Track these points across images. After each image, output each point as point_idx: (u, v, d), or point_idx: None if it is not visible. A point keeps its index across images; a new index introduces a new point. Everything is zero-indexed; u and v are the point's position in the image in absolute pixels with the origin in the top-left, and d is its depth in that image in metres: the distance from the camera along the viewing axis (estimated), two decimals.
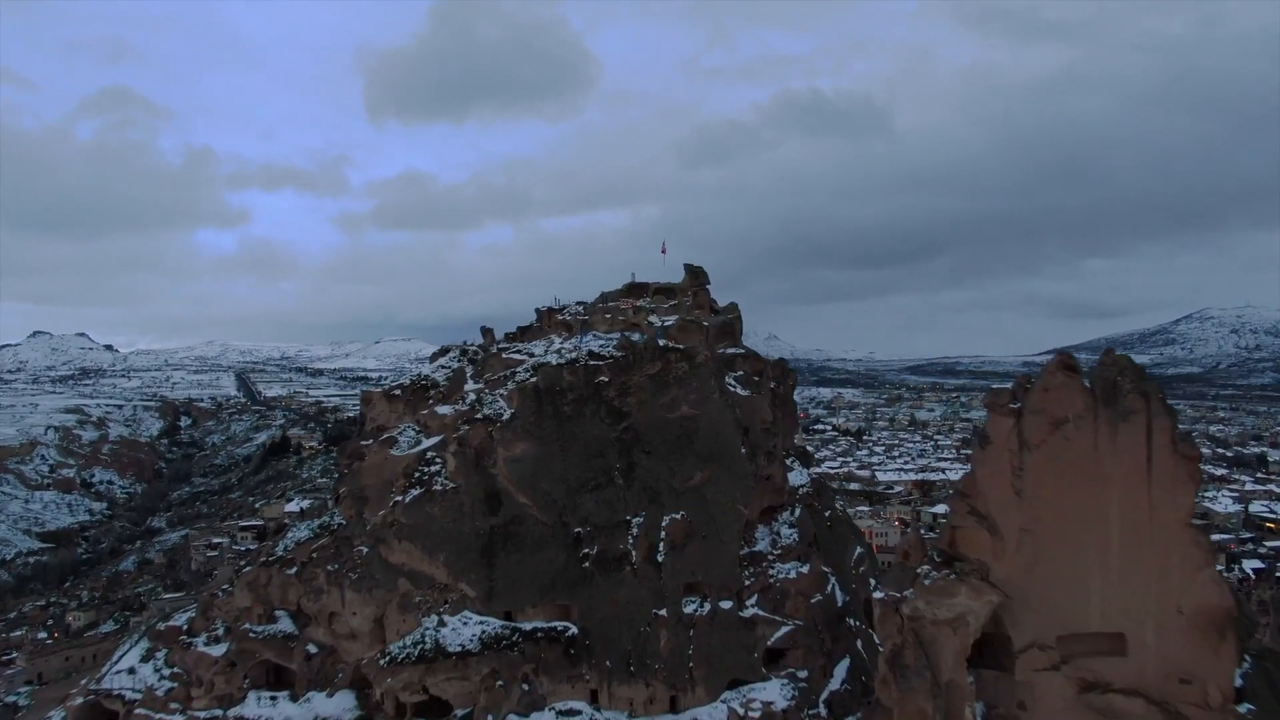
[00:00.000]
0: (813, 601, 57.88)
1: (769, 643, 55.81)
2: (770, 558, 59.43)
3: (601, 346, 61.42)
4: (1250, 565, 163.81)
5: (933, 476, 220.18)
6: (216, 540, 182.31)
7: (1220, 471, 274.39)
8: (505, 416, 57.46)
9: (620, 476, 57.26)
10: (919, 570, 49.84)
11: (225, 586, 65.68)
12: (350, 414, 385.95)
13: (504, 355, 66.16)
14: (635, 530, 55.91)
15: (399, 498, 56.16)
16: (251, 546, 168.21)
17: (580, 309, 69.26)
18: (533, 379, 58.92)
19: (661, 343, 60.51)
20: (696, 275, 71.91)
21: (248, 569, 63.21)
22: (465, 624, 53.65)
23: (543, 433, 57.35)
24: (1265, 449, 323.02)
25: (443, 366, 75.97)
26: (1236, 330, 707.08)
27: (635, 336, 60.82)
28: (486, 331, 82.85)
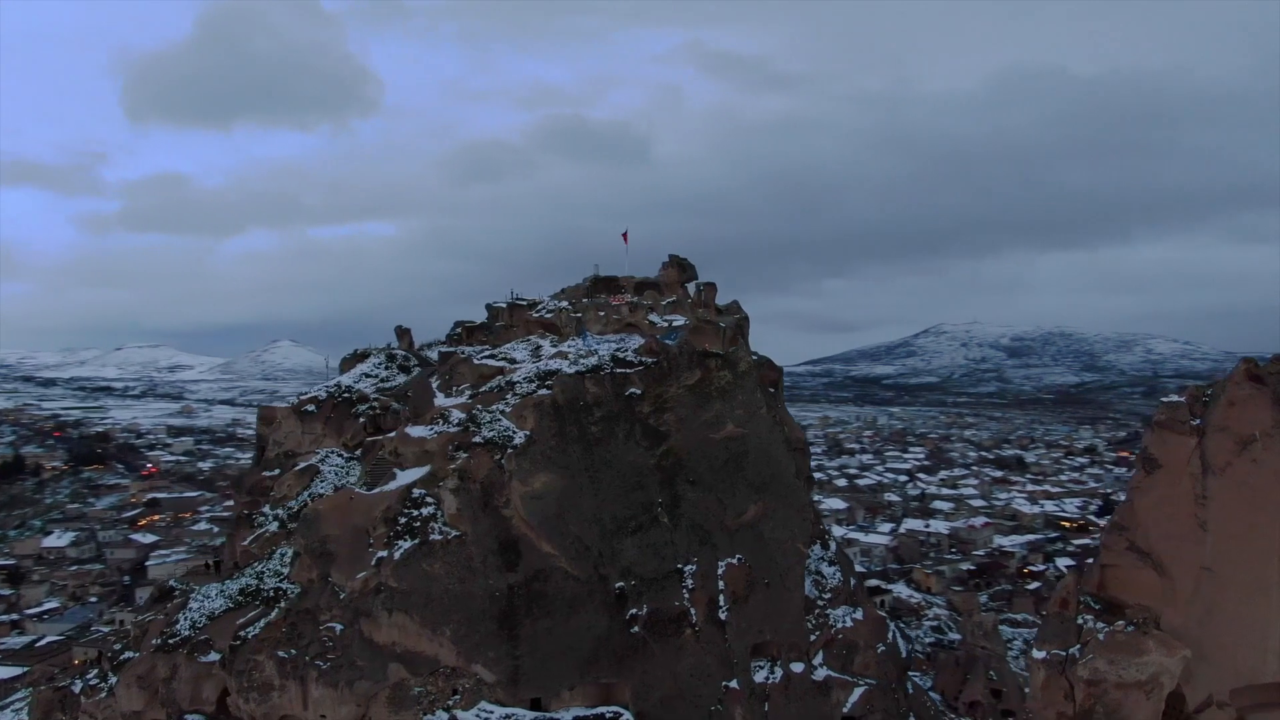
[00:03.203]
0: (879, 653, 49.00)
1: (844, 709, 46.32)
2: (820, 604, 49.93)
3: (618, 350, 49.40)
4: (1063, 562, 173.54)
5: None
6: None
7: (998, 474, 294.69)
8: (517, 440, 44.12)
9: (665, 513, 45.62)
10: (1081, 622, 41.82)
11: (88, 676, 47.17)
12: (98, 429, 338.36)
13: (475, 361, 52.27)
14: (689, 581, 44.53)
15: (382, 553, 41.41)
16: (4, 592, 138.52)
17: (568, 305, 56.39)
18: (546, 392, 45.94)
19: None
20: (683, 268, 61.09)
21: (129, 656, 45.36)
22: None
23: (568, 460, 44.57)
24: (1018, 451, 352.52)
25: (366, 375, 60.57)
26: (966, 344, 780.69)
27: (669, 339, 49.29)
28: (404, 333, 67.97)
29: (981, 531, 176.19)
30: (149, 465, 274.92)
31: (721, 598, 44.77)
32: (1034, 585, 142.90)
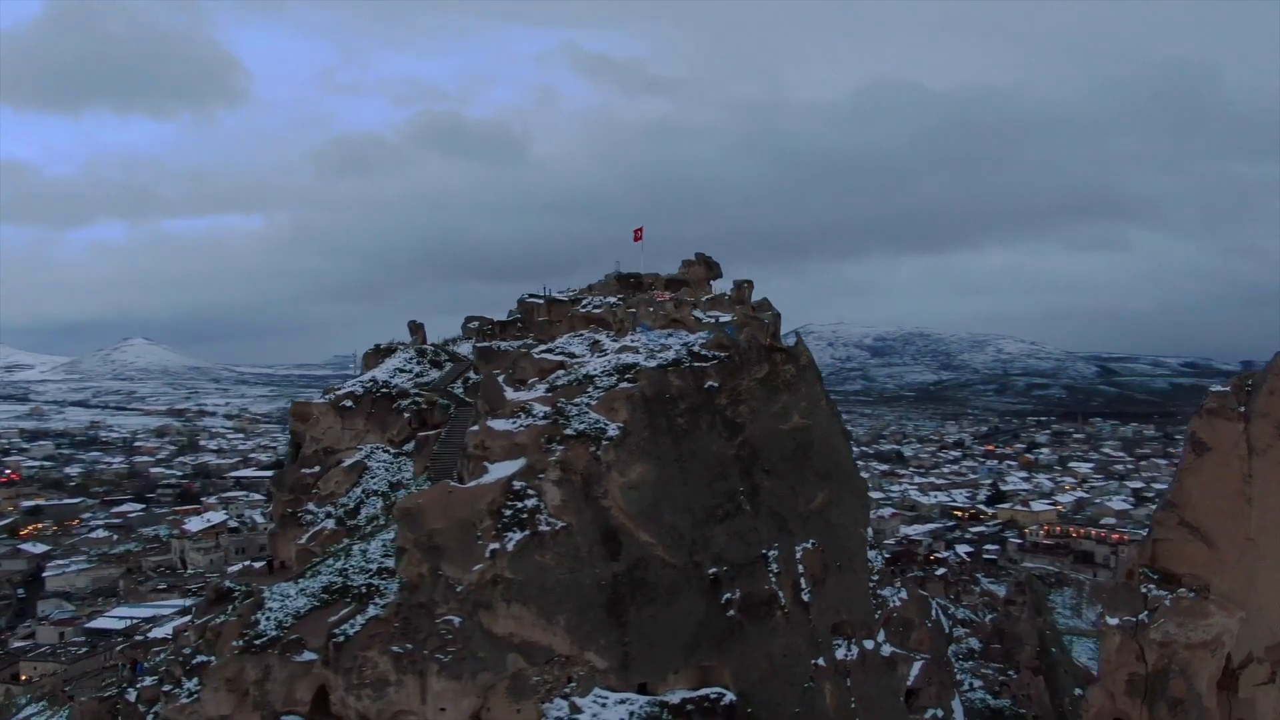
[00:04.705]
0: (929, 628, 52.30)
1: (907, 683, 49.33)
2: (870, 585, 52.81)
3: (688, 345, 50.83)
4: (962, 549, 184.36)
5: None
6: None
7: (884, 467, 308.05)
8: (611, 433, 44.93)
9: (747, 501, 47.39)
10: (1145, 591, 45.91)
11: (141, 683, 44.93)
12: None
13: (535, 355, 52.63)
14: (774, 565, 46.46)
15: (494, 545, 41.44)
16: None
17: (620, 301, 57.31)
18: (631, 385, 46.90)
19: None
20: (709, 266, 63.09)
21: (204, 661, 43.48)
22: (604, 706, 40.69)
23: (660, 451, 45.69)
24: (895, 446, 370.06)
25: (400, 370, 59.81)
26: (832, 344, 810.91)
27: (736, 333, 51.07)
28: (417, 328, 67.29)
29: (890, 521, 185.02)
30: (8, 471, 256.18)
31: (802, 580, 46.95)
32: (941, 571, 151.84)
